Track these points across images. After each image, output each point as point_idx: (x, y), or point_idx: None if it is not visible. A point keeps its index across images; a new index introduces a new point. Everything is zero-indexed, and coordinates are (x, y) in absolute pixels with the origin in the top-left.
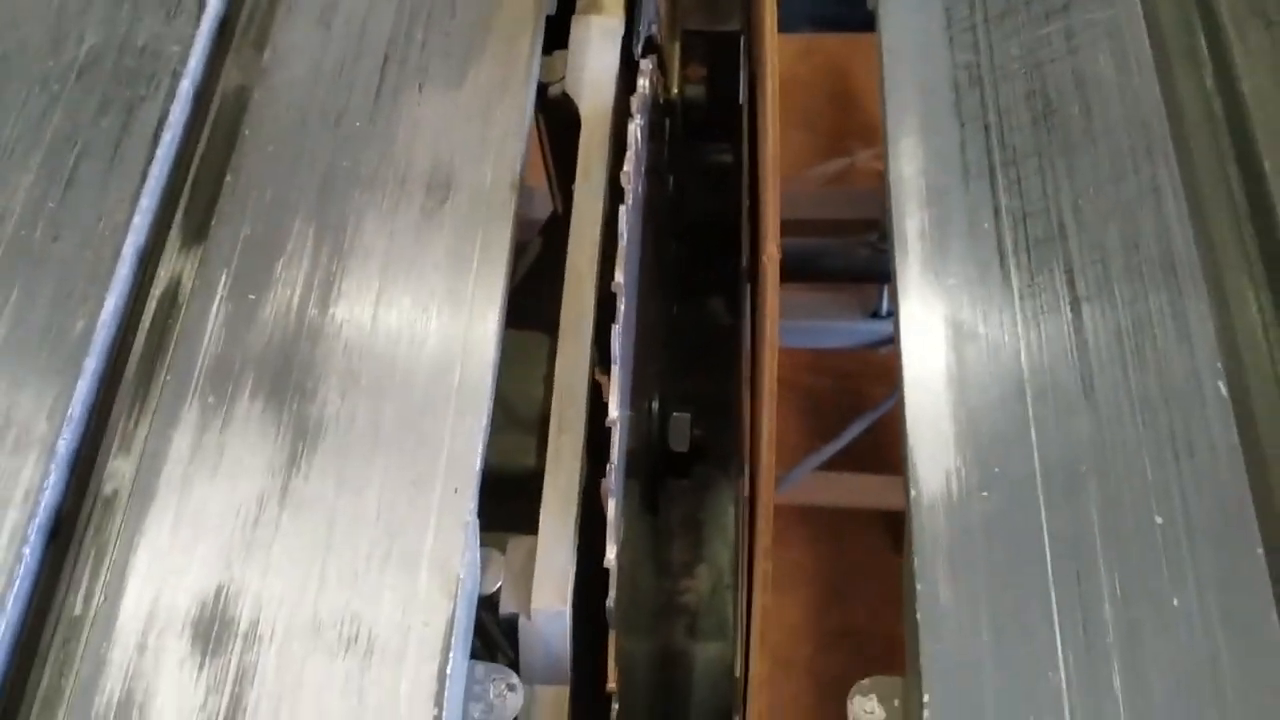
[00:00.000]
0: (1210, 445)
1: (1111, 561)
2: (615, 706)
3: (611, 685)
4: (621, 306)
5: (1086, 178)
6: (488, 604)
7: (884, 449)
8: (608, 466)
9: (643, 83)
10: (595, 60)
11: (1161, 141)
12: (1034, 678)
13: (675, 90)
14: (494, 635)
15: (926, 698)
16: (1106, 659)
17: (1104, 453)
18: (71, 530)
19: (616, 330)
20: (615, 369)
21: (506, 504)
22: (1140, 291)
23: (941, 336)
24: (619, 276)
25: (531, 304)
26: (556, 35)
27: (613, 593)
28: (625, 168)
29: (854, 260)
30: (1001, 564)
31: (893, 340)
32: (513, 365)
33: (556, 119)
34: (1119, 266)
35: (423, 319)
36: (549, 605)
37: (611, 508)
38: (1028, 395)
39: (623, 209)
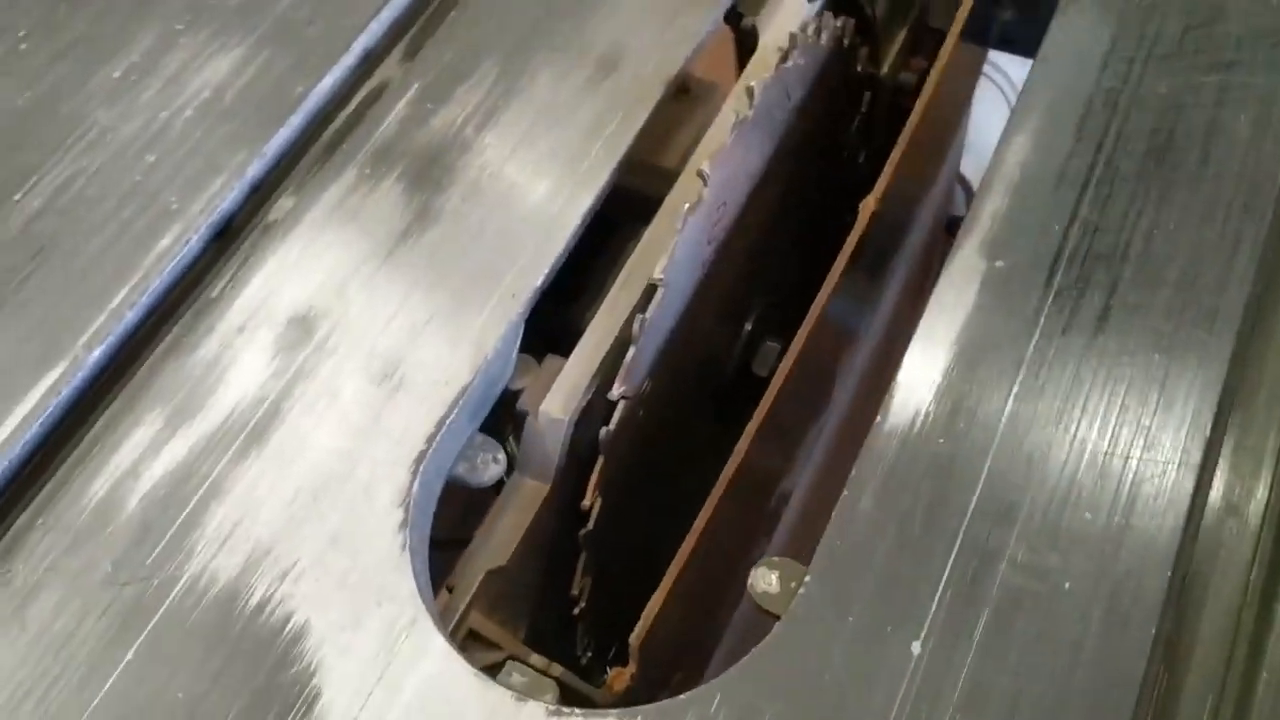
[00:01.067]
0: (1166, 468)
1: (1027, 531)
2: (589, 526)
3: (586, 503)
4: (705, 195)
5: (1173, 214)
6: (512, 397)
7: None
8: (638, 316)
9: (812, 27)
10: (788, 4)
11: (1264, 204)
12: (908, 600)
13: (885, 69)
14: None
15: (807, 578)
16: (979, 608)
17: (1067, 449)
18: (235, 236)
19: (684, 208)
20: (676, 239)
21: None
22: (1169, 326)
23: (970, 302)
24: (705, 167)
25: None
26: None
27: (612, 426)
28: (750, 82)
29: None
30: (926, 501)
31: None
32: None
33: (747, 50)
34: (1163, 298)
35: (549, 160)
36: (553, 411)
37: (631, 353)
38: (1019, 374)
39: (735, 116)
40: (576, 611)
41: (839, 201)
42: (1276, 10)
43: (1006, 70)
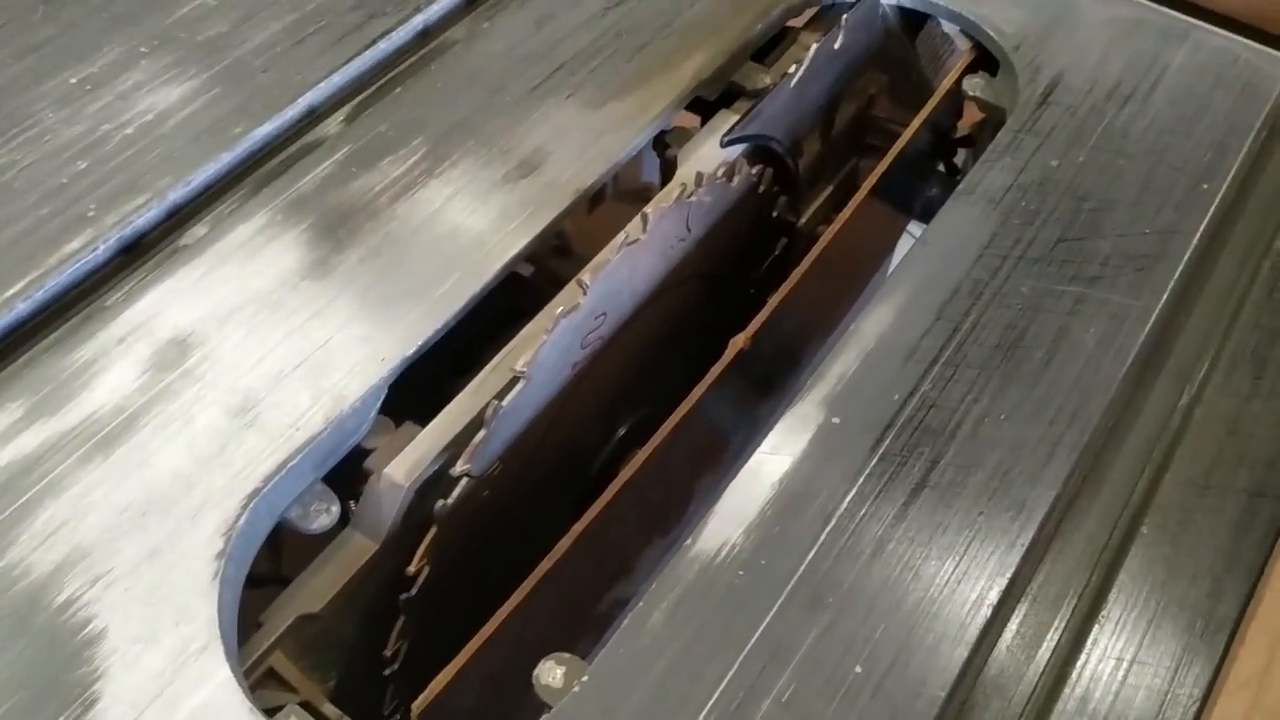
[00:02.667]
0: (943, 640)
1: (797, 675)
2: (411, 592)
3: (411, 569)
4: (583, 303)
5: (1005, 406)
6: (363, 455)
7: None
8: (493, 402)
9: (723, 170)
10: (710, 143)
11: (1090, 414)
12: (672, 716)
13: (804, 220)
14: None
15: (585, 678)
16: None
17: (855, 603)
18: (143, 253)
19: (560, 310)
20: (545, 338)
21: None
22: (976, 510)
23: (800, 450)
24: (586, 277)
25: None
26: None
27: (450, 500)
28: (646, 208)
29: None
30: (714, 626)
31: None
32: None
33: (668, 178)
34: (977, 481)
35: (447, 243)
36: (395, 476)
37: (481, 434)
38: (828, 526)
39: (625, 236)
40: (388, 673)
41: (736, 332)
42: (1148, 238)
43: None
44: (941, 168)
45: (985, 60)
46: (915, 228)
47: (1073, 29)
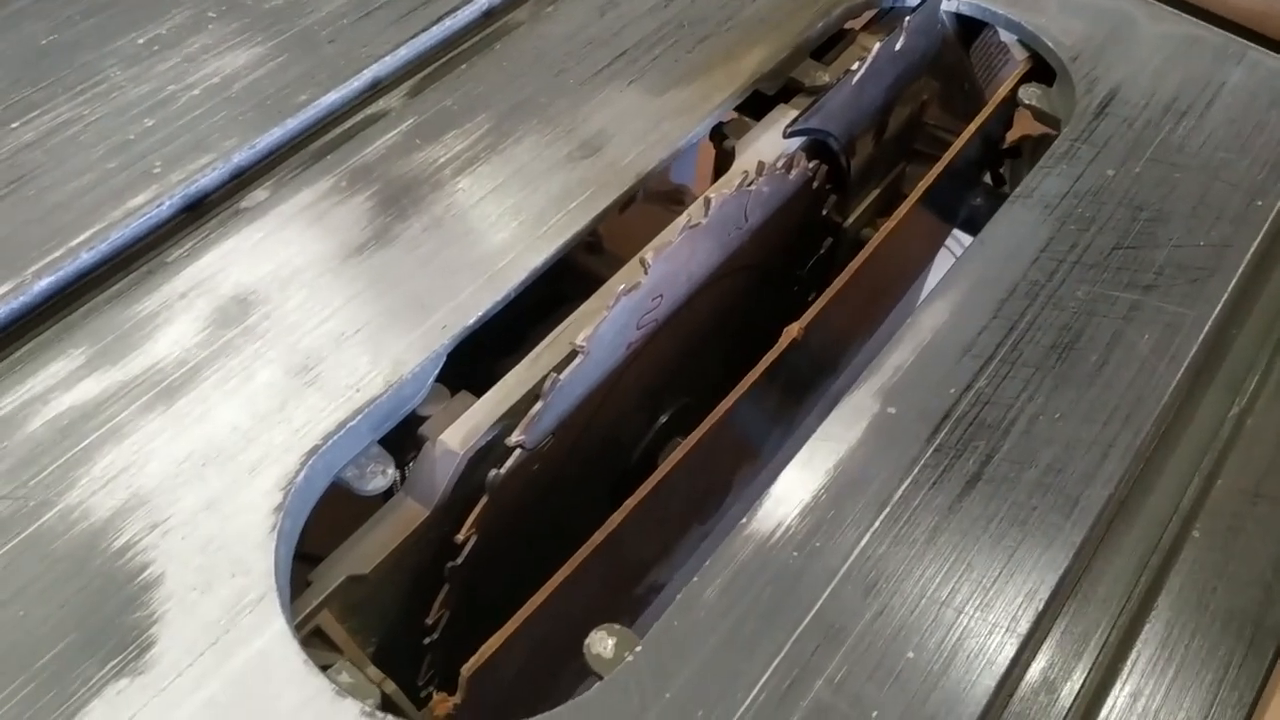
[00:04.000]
0: (994, 630)
1: (849, 658)
2: (458, 561)
3: (459, 537)
4: (644, 282)
5: (1060, 405)
6: (418, 420)
7: None
8: (551, 375)
9: (783, 162)
10: (768, 136)
11: (1144, 419)
12: (725, 690)
13: (850, 221)
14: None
15: (638, 649)
16: (786, 715)
17: (907, 589)
18: (205, 212)
19: (621, 288)
20: (605, 314)
21: None
22: (1030, 505)
23: (855, 438)
24: (649, 256)
25: None
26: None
27: (502, 471)
28: (708, 193)
29: None
30: (766, 605)
31: None
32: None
33: (724, 169)
34: (1031, 478)
35: (510, 217)
36: (449, 444)
37: (537, 406)
38: (881, 513)
39: (685, 218)
40: (428, 641)
41: (779, 329)
42: (1202, 250)
43: None
44: (988, 178)
45: (1040, 71)
46: (954, 244)
47: (1130, 43)
